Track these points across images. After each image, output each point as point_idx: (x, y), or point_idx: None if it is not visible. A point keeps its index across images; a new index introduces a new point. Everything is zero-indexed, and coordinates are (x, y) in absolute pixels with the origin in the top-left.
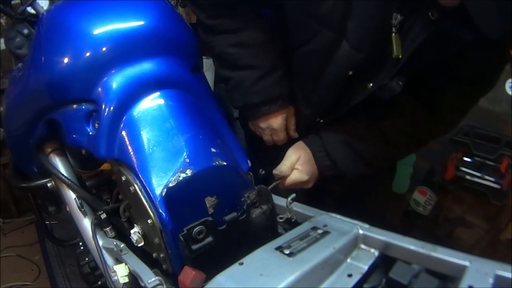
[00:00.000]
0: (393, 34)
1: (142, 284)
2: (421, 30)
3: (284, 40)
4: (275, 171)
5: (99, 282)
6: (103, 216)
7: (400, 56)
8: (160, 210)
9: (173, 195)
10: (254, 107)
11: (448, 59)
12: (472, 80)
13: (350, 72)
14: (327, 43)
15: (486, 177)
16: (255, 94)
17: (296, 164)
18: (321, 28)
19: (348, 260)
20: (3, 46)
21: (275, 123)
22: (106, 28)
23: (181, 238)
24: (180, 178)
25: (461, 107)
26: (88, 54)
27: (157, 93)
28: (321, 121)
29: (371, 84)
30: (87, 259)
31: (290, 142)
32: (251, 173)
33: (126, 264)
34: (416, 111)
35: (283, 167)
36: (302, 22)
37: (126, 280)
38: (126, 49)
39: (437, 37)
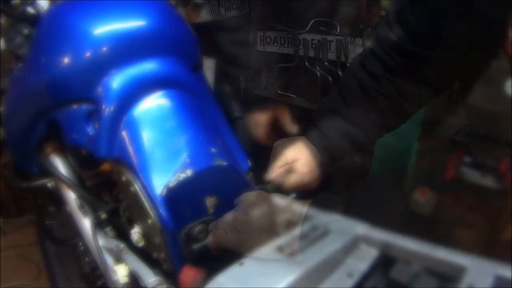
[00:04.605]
0: None
1: (142, 284)
2: None
3: None
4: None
5: (99, 282)
6: (103, 216)
7: None
8: (161, 210)
9: (174, 195)
10: None
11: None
12: (468, 47)
13: None
14: None
15: (486, 177)
16: None
17: (295, 166)
18: None
19: (348, 260)
20: (3, 46)
21: None
22: (106, 28)
23: (183, 235)
24: (181, 178)
25: (455, 74)
26: (88, 54)
27: (158, 93)
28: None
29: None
30: (87, 259)
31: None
32: (251, 173)
33: (126, 264)
34: (414, 89)
35: (275, 171)
36: None
37: (126, 280)
38: (126, 49)
39: None
